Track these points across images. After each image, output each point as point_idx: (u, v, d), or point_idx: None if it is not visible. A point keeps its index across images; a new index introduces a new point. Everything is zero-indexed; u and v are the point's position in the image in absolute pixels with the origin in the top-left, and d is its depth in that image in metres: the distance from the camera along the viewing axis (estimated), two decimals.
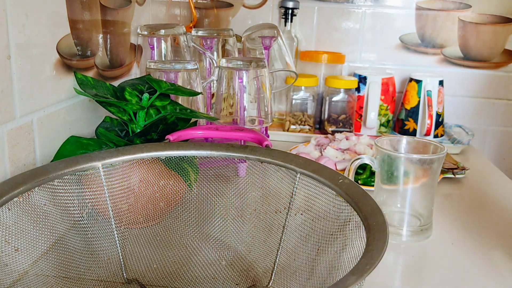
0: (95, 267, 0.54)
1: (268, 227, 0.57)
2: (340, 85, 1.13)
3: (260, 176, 0.56)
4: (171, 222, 0.60)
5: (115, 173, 0.55)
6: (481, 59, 1.23)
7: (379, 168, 0.67)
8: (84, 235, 0.54)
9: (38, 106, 0.65)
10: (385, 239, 0.38)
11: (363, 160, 0.67)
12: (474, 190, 0.87)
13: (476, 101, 1.26)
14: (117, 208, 0.56)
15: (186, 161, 0.58)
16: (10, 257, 0.46)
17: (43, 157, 0.67)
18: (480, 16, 1.21)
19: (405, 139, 0.70)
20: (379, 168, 0.67)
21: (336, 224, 0.48)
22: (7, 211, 0.45)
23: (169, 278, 0.56)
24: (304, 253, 0.52)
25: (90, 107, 0.79)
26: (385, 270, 0.60)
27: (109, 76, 0.88)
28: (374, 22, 1.24)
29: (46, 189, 0.49)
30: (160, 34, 0.93)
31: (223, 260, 0.57)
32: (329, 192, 0.49)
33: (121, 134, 0.70)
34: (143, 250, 0.58)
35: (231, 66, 0.84)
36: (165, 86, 0.71)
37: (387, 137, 0.70)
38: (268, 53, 1.01)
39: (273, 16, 1.26)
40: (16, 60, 0.60)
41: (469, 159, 1.04)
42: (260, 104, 0.86)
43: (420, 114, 1.14)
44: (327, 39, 1.26)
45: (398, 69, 1.25)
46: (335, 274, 0.45)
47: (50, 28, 0.67)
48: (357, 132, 1.17)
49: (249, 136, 0.65)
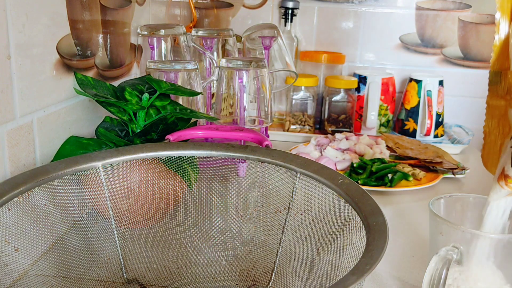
0: (95, 267, 0.54)
1: (268, 227, 0.57)
2: (340, 85, 1.13)
3: (260, 176, 0.56)
4: (171, 222, 0.60)
5: (115, 173, 0.55)
6: (481, 59, 1.23)
7: None
8: (84, 235, 0.54)
9: (38, 106, 0.65)
10: (385, 239, 0.38)
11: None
12: (474, 190, 0.87)
13: (476, 101, 1.26)
14: (117, 208, 0.56)
15: (186, 161, 0.58)
16: (10, 257, 0.46)
17: (43, 157, 0.67)
18: (480, 16, 1.21)
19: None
20: None
21: (336, 224, 0.48)
22: (7, 211, 0.45)
23: (169, 278, 0.56)
24: (304, 253, 0.52)
25: (90, 107, 0.79)
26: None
27: (109, 76, 0.88)
28: (374, 22, 1.24)
29: (46, 189, 0.49)
30: (160, 34, 0.93)
31: (223, 260, 0.57)
32: (329, 192, 0.49)
33: (121, 134, 0.70)
34: (143, 250, 0.58)
35: (231, 66, 0.84)
36: (165, 86, 0.71)
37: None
38: (268, 53, 1.01)
39: (273, 16, 1.26)
40: (16, 60, 0.60)
41: (469, 159, 1.04)
42: (260, 104, 0.86)
43: (420, 114, 1.14)
44: (327, 39, 1.26)
45: (398, 69, 1.25)
46: (335, 274, 0.45)
47: (50, 28, 0.67)
48: (357, 132, 1.17)
49: (249, 136, 0.65)
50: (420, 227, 0.73)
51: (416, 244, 0.68)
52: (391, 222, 0.73)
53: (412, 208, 0.80)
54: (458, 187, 0.89)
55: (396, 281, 0.59)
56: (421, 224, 0.74)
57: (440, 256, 0.46)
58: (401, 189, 0.84)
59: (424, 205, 0.80)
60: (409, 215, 0.77)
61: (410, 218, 0.76)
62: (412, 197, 0.85)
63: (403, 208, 0.80)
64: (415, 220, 0.76)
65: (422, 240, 0.69)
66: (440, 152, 0.98)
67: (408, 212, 0.78)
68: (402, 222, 0.75)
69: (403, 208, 0.80)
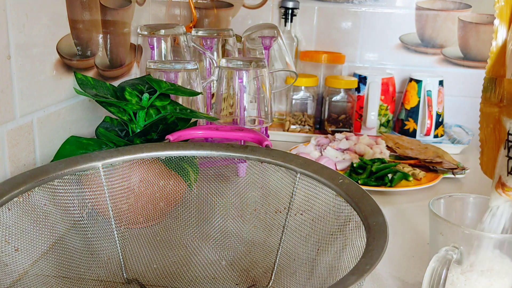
0: (95, 267, 0.54)
1: (268, 227, 0.57)
2: (340, 85, 1.13)
3: (260, 176, 0.56)
4: (171, 222, 0.60)
5: (115, 173, 0.55)
6: (481, 59, 1.23)
7: None
8: (84, 235, 0.54)
9: (38, 106, 0.65)
10: (385, 239, 0.39)
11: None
12: (474, 190, 0.87)
13: (476, 101, 1.25)
14: (117, 208, 0.56)
15: (186, 161, 0.58)
16: (10, 257, 0.46)
17: (43, 157, 0.67)
18: (480, 16, 1.21)
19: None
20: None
21: (336, 224, 0.48)
22: (7, 211, 0.45)
23: (169, 278, 0.56)
24: (304, 253, 0.52)
25: (90, 107, 0.79)
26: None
27: (109, 76, 0.88)
28: (374, 22, 1.24)
29: (46, 189, 0.49)
30: (160, 34, 0.93)
31: (223, 260, 0.57)
32: (329, 192, 0.49)
33: (121, 134, 0.70)
34: (143, 250, 0.58)
35: (231, 66, 0.84)
36: (165, 86, 0.71)
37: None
38: (268, 53, 1.00)
39: (273, 16, 1.26)
40: (16, 60, 0.60)
41: (469, 159, 1.04)
42: (260, 104, 0.86)
43: (420, 114, 1.14)
44: (327, 39, 1.26)
45: (398, 69, 1.25)
46: (335, 274, 0.45)
47: (50, 28, 0.67)
48: (357, 132, 1.17)
49: (249, 136, 0.65)
50: (420, 227, 0.73)
51: (416, 244, 0.68)
52: (391, 222, 0.73)
53: (412, 208, 0.80)
54: (458, 187, 0.89)
55: (396, 281, 0.59)
56: (421, 224, 0.74)
57: (440, 256, 0.46)
58: (401, 189, 0.84)
59: (424, 205, 0.80)
60: (409, 215, 0.77)
61: (410, 218, 0.76)
62: (412, 197, 0.85)
63: (403, 208, 0.80)
64: (415, 220, 0.76)
65: (422, 240, 0.69)
66: (440, 152, 0.98)
67: (408, 212, 0.78)
68: (402, 222, 0.75)
69: (403, 208, 0.80)
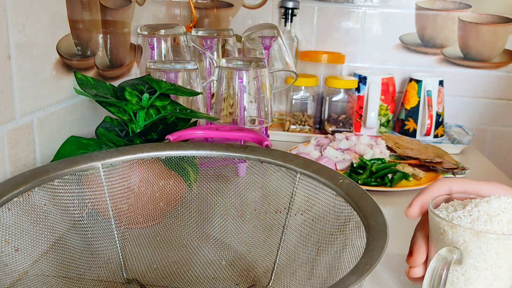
0: (95, 267, 0.54)
1: (268, 227, 0.57)
2: (340, 85, 1.13)
3: (260, 176, 0.56)
4: (171, 222, 0.60)
5: (115, 173, 0.55)
6: (481, 59, 1.23)
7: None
8: (84, 235, 0.54)
9: (38, 106, 0.65)
10: (385, 239, 0.39)
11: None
12: None
13: (476, 101, 1.26)
14: (117, 208, 0.56)
15: (186, 161, 0.58)
16: (10, 257, 0.46)
17: (43, 157, 0.67)
18: (480, 16, 1.21)
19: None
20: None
21: (336, 224, 0.48)
22: (7, 211, 0.45)
23: (169, 278, 0.56)
24: (304, 253, 0.52)
25: (90, 107, 0.79)
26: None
27: (109, 76, 0.88)
28: (374, 22, 1.24)
29: (46, 189, 0.49)
30: (160, 34, 0.93)
31: (223, 260, 0.57)
32: (329, 192, 0.49)
33: (121, 134, 0.70)
34: (143, 250, 0.58)
35: (231, 66, 0.84)
36: (165, 86, 0.71)
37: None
38: (268, 53, 1.01)
39: (273, 16, 1.26)
40: (16, 60, 0.60)
41: (469, 159, 1.04)
42: (260, 104, 0.86)
43: (420, 114, 1.14)
44: (327, 39, 1.26)
45: (398, 69, 1.25)
46: (335, 274, 0.45)
47: (50, 28, 0.67)
48: (357, 132, 1.17)
49: (249, 136, 0.65)
50: None
51: None
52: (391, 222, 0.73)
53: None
54: None
55: (396, 281, 0.59)
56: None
57: (440, 256, 0.46)
58: (401, 189, 0.84)
59: None
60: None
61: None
62: (412, 197, 0.84)
63: (403, 208, 0.80)
64: (415, 220, 0.75)
65: None
66: (440, 152, 0.98)
67: None
68: (402, 222, 0.75)
69: (403, 208, 0.80)
